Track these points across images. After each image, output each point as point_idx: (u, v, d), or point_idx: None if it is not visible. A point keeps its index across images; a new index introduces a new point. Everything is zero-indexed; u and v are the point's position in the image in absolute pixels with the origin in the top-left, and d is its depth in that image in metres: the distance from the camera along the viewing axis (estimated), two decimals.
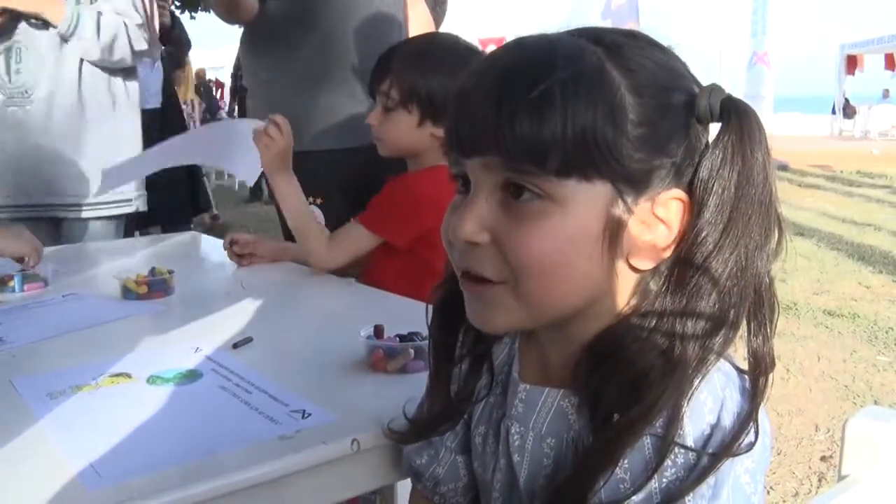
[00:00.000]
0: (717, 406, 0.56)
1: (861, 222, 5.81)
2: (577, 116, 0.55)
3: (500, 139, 0.57)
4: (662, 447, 0.55)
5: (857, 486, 0.63)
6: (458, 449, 0.77)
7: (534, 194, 0.57)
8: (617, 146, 0.56)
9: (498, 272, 0.60)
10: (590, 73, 0.56)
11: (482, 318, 0.64)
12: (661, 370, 0.56)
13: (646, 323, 0.59)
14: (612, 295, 0.61)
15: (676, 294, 0.58)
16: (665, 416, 0.55)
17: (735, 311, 0.58)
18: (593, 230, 0.58)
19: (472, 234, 0.60)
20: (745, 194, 0.57)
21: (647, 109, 0.57)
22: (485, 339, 0.72)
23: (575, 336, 0.63)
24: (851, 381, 2.81)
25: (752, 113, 0.59)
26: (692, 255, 0.58)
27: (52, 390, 0.93)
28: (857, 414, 0.65)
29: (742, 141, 0.57)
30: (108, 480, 0.72)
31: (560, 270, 0.58)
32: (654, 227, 0.59)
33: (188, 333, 1.20)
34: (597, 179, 0.57)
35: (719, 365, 0.57)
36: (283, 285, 1.57)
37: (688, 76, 0.61)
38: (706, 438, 0.55)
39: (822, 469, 2.17)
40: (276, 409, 0.87)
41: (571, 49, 0.58)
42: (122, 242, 2.15)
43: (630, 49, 0.59)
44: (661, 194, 0.59)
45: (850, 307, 3.68)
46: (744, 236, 0.57)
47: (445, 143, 0.63)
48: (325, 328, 1.26)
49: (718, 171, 0.57)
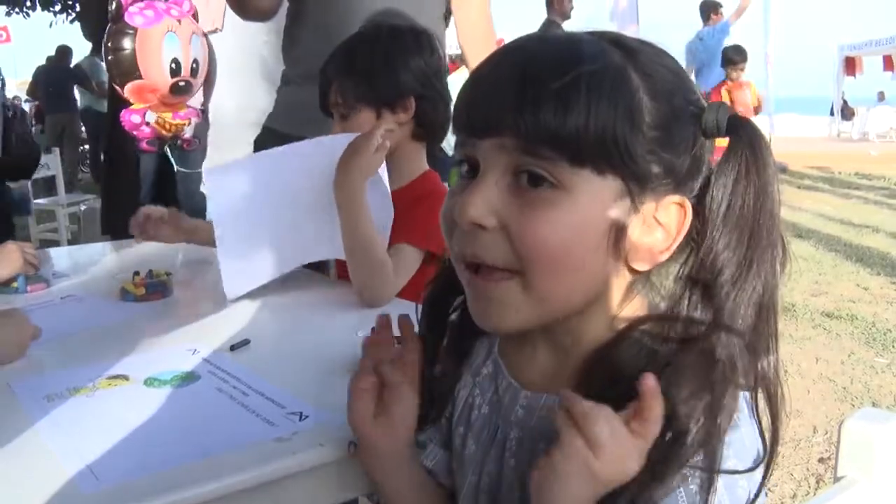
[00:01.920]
0: (740, 437, 0.57)
1: (859, 224, 5.81)
2: (601, 111, 0.56)
3: (519, 121, 0.57)
4: (705, 477, 0.55)
5: (853, 488, 0.63)
6: (441, 443, 0.77)
7: (546, 181, 0.58)
8: (633, 145, 0.57)
9: (505, 259, 0.59)
10: (613, 72, 0.57)
11: (488, 317, 0.63)
12: (692, 391, 0.55)
13: (662, 338, 0.59)
14: (605, 296, 0.62)
15: (703, 312, 0.58)
16: (705, 448, 0.55)
17: (760, 326, 0.58)
18: (601, 224, 0.58)
19: (479, 217, 0.59)
20: (763, 209, 0.58)
21: (661, 114, 0.58)
22: (467, 337, 0.72)
23: (567, 335, 0.63)
24: (849, 382, 2.81)
25: (759, 130, 0.60)
26: (715, 272, 0.58)
27: (49, 392, 0.93)
28: (853, 416, 0.65)
29: (756, 157, 0.59)
30: (105, 483, 0.72)
31: (568, 261, 0.58)
32: (653, 230, 0.60)
33: (185, 335, 1.20)
34: (609, 174, 0.57)
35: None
36: (280, 288, 1.57)
37: (695, 89, 0.63)
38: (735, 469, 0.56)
39: (821, 471, 2.17)
40: (273, 412, 0.87)
41: (596, 47, 0.59)
42: (120, 244, 2.15)
43: (646, 55, 0.60)
44: (664, 198, 0.59)
45: (848, 309, 3.68)
46: (766, 251, 0.58)
47: (454, 125, 0.63)
48: (323, 330, 1.26)
49: (734, 187, 0.58)
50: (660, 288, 0.63)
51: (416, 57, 1.42)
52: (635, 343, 0.60)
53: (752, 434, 0.58)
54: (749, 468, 0.56)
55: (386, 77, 1.40)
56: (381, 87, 1.40)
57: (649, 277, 0.63)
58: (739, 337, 0.57)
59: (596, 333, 0.63)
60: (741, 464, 0.56)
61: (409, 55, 1.42)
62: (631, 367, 0.57)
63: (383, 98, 1.40)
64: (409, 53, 1.42)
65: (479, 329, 0.66)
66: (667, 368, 0.56)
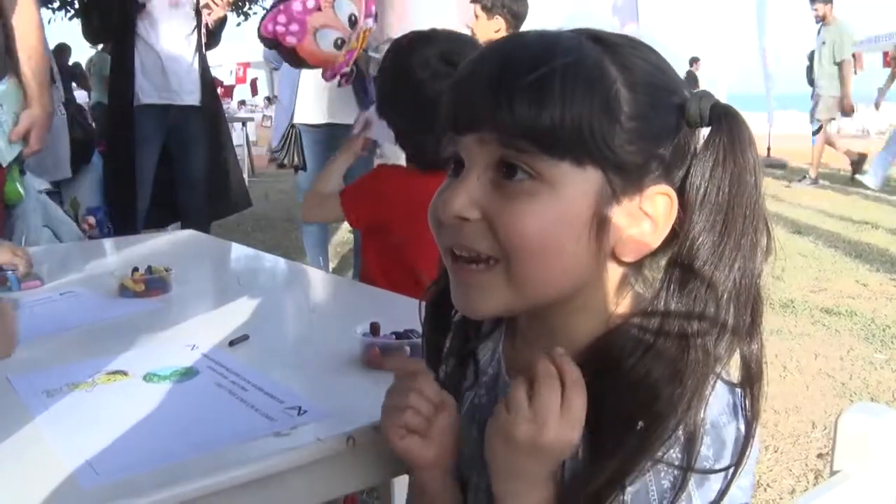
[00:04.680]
0: (716, 432, 0.57)
1: (858, 220, 5.80)
2: (575, 103, 0.56)
3: (497, 115, 0.58)
4: (681, 475, 0.56)
5: (848, 482, 0.64)
6: None
7: (526, 174, 0.58)
8: (611, 135, 0.57)
9: (488, 247, 0.60)
10: (588, 64, 0.58)
11: (469, 303, 0.64)
12: (676, 380, 0.56)
13: (647, 329, 0.59)
14: (597, 288, 0.62)
15: (680, 299, 0.59)
16: (677, 440, 0.56)
17: (737, 313, 0.58)
18: (582, 214, 0.59)
19: (462, 209, 0.60)
20: (739, 195, 0.59)
21: (640, 105, 0.59)
22: (472, 338, 0.73)
23: (564, 333, 0.64)
24: (848, 378, 2.81)
25: (741, 117, 0.60)
26: (692, 258, 0.59)
27: (48, 388, 0.94)
28: (849, 410, 0.65)
29: (733, 144, 0.59)
30: (104, 477, 0.72)
31: (549, 250, 0.59)
32: (639, 221, 0.60)
33: (185, 331, 1.20)
34: (589, 165, 0.58)
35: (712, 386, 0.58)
36: (279, 283, 1.58)
37: (679, 80, 0.63)
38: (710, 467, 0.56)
39: (819, 466, 2.17)
40: (272, 406, 0.87)
41: (571, 41, 0.60)
42: (120, 240, 2.15)
43: (626, 49, 0.61)
44: (649, 189, 0.60)
45: (847, 305, 3.68)
46: (742, 237, 0.58)
47: (440, 125, 0.64)
48: (321, 325, 1.26)
49: (711, 173, 0.59)
50: (653, 282, 0.63)
51: None
52: (623, 336, 0.60)
53: (732, 430, 0.58)
54: (724, 467, 0.56)
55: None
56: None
57: (642, 271, 0.63)
58: (714, 325, 0.58)
59: (591, 330, 0.63)
60: (718, 462, 0.56)
61: None
62: (620, 360, 0.58)
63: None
64: None
65: (484, 329, 0.67)
66: (643, 356, 0.57)
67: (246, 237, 5.18)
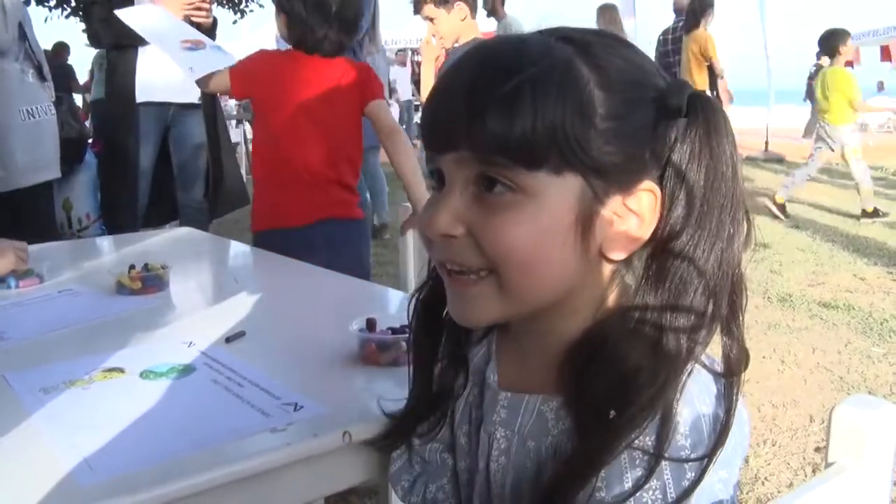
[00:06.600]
0: (695, 420, 0.57)
1: (856, 214, 5.81)
2: (547, 111, 0.56)
3: (471, 134, 0.58)
4: (652, 460, 0.55)
5: (843, 474, 0.64)
6: (443, 448, 0.77)
7: (506, 187, 0.58)
8: (586, 139, 0.57)
9: (476, 260, 0.61)
10: (559, 69, 0.57)
11: (465, 314, 0.64)
12: (650, 367, 0.57)
13: (629, 319, 0.59)
14: (589, 287, 0.62)
15: (657, 288, 0.59)
16: (654, 428, 0.55)
17: (716, 302, 0.59)
18: (565, 221, 0.58)
19: (446, 228, 0.61)
20: (715, 186, 0.59)
21: (615, 104, 0.58)
22: (464, 342, 0.73)
23: (556, 334, 0.64)
24: (846, 372, 2.82)
25: (718, 107, 0.60)
26: (668, 248, 0.59)
27: (45, 385, 0.94)
28: (844, 402, 0.65)
29: (709, 134, 0.59)
30: (101, 475, 0.72)
31: (536, 259, 0.59)
32: (626, 219, 0.60)
33: (181, 328, 1.21)
34: (567, 172, 0.58)
35: (694, 372, 0.58)
36: (275, 280, 1.58)
37: (655, 73, 0.62)
38: (686, 457, 0.56)
39: (817, 460, 2.18)
40: (269, 403, 0.87)
41: (541, 46, 0.59)
42: (117, 238, 2.15)
43: (598, 47, 0.60)
44: (632, 186, 0.59)
45: (845, 299, 3.69)
46: (718, 227, 0.59)
47: (421, 140, 0.64)
48: (317, 322, 1.26)
49: (687, 164, 0.59)
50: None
51: None
52: (607, 327, 0.60)
53: (713, 420, 0.58)
54: (700, 456, 0.56)
55: None
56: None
57: (632, 262, 0.63)
58: (689, 314, 0.58)
59: (580, 326, 0.63)
60: (695, 451, 0.56)
61: None
62: (601, 350, 0.59)
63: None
64: None
65: (476, 332, 0.67)
66: (621, 344, 0.58)
67: (243, 235, 5.18)
